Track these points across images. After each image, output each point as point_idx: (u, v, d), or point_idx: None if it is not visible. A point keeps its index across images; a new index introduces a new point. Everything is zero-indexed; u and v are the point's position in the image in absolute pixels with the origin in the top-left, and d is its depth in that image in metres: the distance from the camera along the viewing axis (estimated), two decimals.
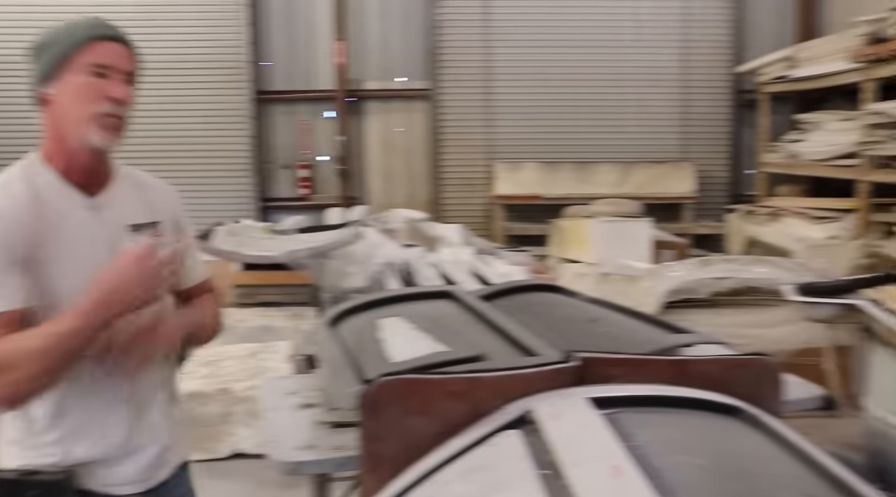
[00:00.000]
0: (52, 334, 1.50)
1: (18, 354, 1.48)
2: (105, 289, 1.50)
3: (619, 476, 1.45)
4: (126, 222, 1.75)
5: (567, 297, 3.29)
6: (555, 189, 9.88)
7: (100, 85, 1.64)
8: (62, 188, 1.67)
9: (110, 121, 1.65)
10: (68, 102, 1.64)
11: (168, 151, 10.53)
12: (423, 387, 1.89)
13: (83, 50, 1.63)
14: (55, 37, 1.66)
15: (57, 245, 1.62)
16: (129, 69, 1.71)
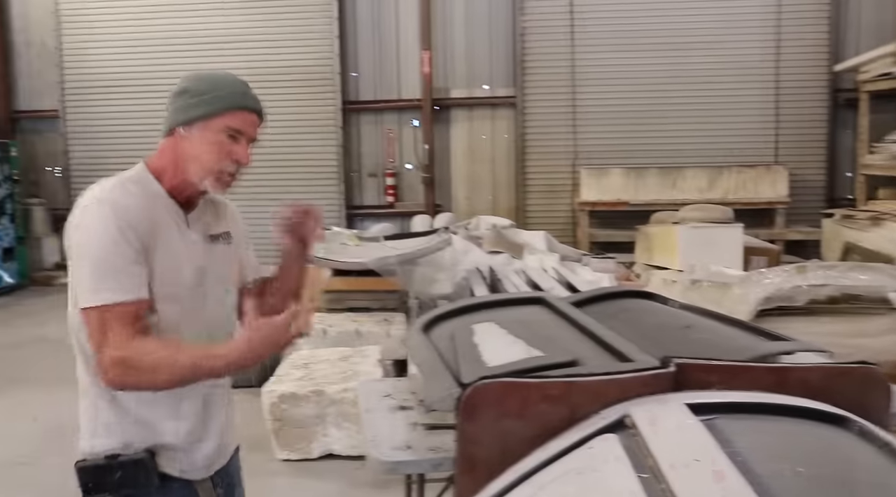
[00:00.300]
0: (201, 360, 1.68)
1: (165, 363, 1.66)
2: (252, 347, 1.67)
3: (721, 480, 1.44)
4: (206, 233, 1.95)
5: (659, 304, 3.26)
6: (641, 195, 9.73)
7: (230, 147, 1.84)
8: (167, 201, 1.86)
9: (228, 178, 1.88)
10: (198, 150, 1.83)
11: (260, 160, 10.89)
12: (521, 390, 1.91)
13: (228, 114, 1.83)
14: (208, 88, 1.84)
15: (157, 247, 1.78)
16: (255, 136, 1.92)
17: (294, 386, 4.46)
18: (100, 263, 1.68)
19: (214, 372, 1.72)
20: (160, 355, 1.66)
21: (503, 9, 10.48)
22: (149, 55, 10.94)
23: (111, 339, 1.65)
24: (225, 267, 1.98)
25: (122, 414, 1.80)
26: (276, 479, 4.24)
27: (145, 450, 1.80)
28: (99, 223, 1.70)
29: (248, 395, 5.64)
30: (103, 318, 1.66)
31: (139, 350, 1.65)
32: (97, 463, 1.79)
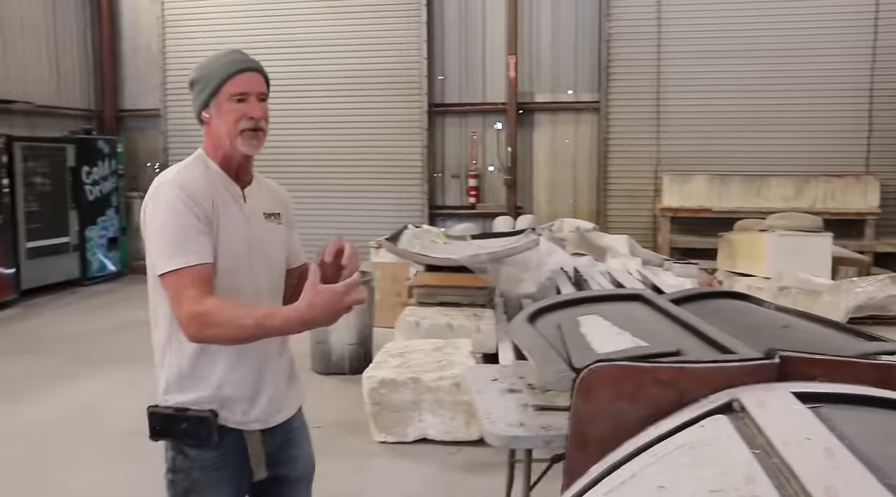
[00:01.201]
0: (265, 318, 1.89)
1: (231, 321, 1.88)
2: (313, 310, 1.87)
3: (832, 457, 1.55)
4: (261, 211, 2.19)
5: (754, 305, 3.37)
6: (724, 202, 9.67)
7: (242, 108, 2.07)
8: (225, 178, 2.13)
9: (252, 133, 2.08)
10: (221, 123, 2.09)
11: (348, 159, 11.33)
12: (634, 374, 2.08)
13: (227, 84, 2.07)
14: (205, 72, 2.11)
15: (222, 217, 2.05)
16: (262, 91, 2.12)
17: (393, 372, 4.70)
18: (172, 234, 1.95)
19: (276, 330, 1.93)
20: (231, 312, 1.89)
21: (590, 14, 10.57)
22: None
23: (186, 297, 1.90)
24: (274, 244, 2.21)
25: (191, 373, 2.05)
26: (374, 459, 4.49)
27: (210, 409, 2.04)
28: (169, 200, 1.98)
29: (344, 382, 5.98)
30: (179, 281, 1.92)
31: (213, 307, 1.89)
32: (166, 412, 2.06)
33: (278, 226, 2.23)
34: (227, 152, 2.11)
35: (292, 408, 2.26)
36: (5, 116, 10.40)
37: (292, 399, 2.27)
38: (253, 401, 2.11)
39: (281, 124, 11.37)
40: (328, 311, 1.87)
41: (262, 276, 2.15)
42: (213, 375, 2.06)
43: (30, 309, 8.98)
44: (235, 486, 2.13)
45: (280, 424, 2.20)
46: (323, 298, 1.86)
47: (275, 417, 2.17)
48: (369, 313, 6.35)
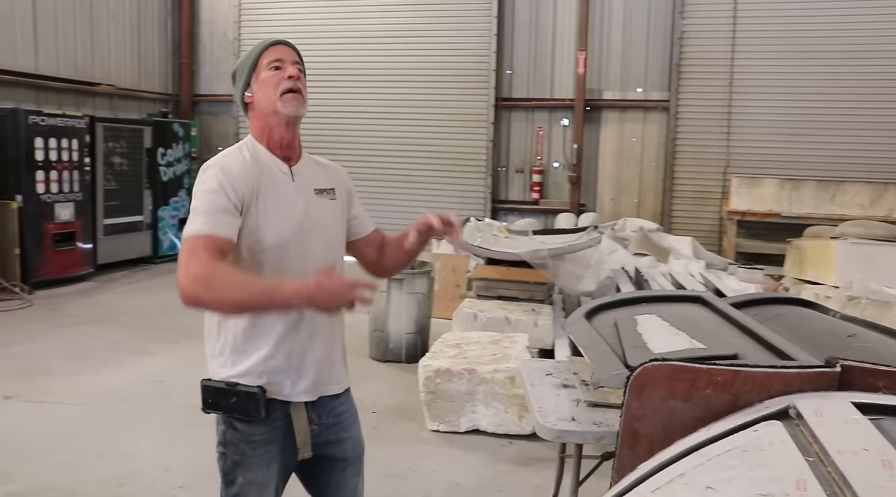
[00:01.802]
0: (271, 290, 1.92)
1: (239, 287, 1.91)
2: (320, 291, 1.90)
3: (891, 469, 1.52)
4: (312, 187, 2.26)
5: (819, 313, 3.29)
6: (795, 207, 9.40)
7: (279, 73, 2.20)
8: (272, 158, 2.21)
9: (291, 95, 2.19)
10: (263, 93, 2.20)
11: (414, 151, 11.44)
12: (689, 374, 2.08)
13: (264, 55, 2.22)
14: (244, 61, 2.26)
15: (268, 196, 2.13)
16: (295, 59, 2.26)
17: (448, 362, 4.75)
18: (200, 207, 2.04)
19: (282, 300, 1.92)
20: (238, 279, 1.94)
21: (662, 11, 10.39)
22: (316, 48, 11.64)
23: (196, 258, 1.94)
24: (327, 218, 2.27)
25: (243, 346, 2.12)
26: (425, 447, 4.55)
27: (259, 386, 2.10)
28: (208, 180, 2.07)
29: (401, 370, 6.07)
30: (194, 244, 1.97)
31: (220, 271, 1.93)
32: (218, 386, 2.13)
33: (331, 201, 2.30)
34: (272, 127, 2.20)
35: (341, 386, 2.32)
36: (89, 98, 10.86)
37: (341, 377, 2.33)
38: (300, 372, 2.17)
39: (349, 114, 11.57)
40: (333, 296, 1.90)
41: (318, 251, 2.20)
42: (263, 347, 2.12)
43: (104, 283, 9.38)
44: (282, 461, 2.20)
45: (328, 406, 2.26)
46: (333, 284, 1.90)
47: (322, 390, 2.23)
48: (427, 303, 6.42)
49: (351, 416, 2.37)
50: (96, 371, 5.81)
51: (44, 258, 8.78)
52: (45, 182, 8.77)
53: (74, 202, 9.18)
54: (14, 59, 9.52)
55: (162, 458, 4.25)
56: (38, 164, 8.66)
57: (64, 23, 10.30)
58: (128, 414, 4.90)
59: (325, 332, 2.25)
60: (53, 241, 8.88)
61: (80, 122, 9.27)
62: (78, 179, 9.23)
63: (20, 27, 9.60)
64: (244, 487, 2.16)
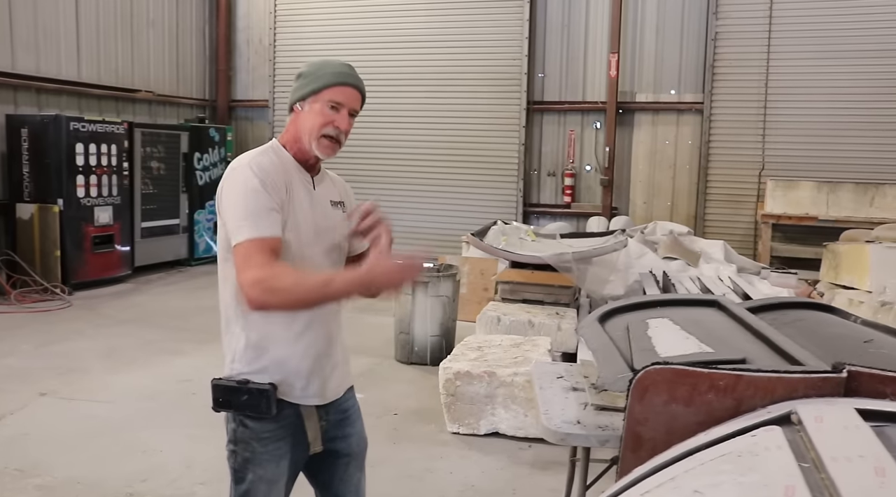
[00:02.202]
0: (328, 282, 2.01)
1: (296, 285, 1.99)
2: (373, 275, 1.99)
3: (882, 475, 1.50)
4: (328, 198, 2.32)
5: (839, 318, 3.23)
6: (832, 211, 9.20)
7: (332, 116, 2.20)
8: (297, 166, 2.25)
9: (330, 142, 2.22)
10: (309, 119, 2.21)
11: (446, 154, 11.47)
12: (691, 378, 2.07)
13: (330, 89, 2.21)
14: (315, 71, 2.25)
15: (292, 202, 2.17)
16: (355, 108, 2.26)
17: (469, 365, 4.77)
18: (245, 209, 2.06)
19: (340, 291, 2.02)
20: (295, 276, 2.01)
21: (696, 13, 10.27)
22: (349, 53, 11.74)
23: (252, 264, 1.99)
24: (339, 230, 2.33)
25: (256, 346, 2.17)
26: (444, 449, 4.57)
27: (270, 383, 2.15)
28: (245, 180, 2.10)
29: (425, 372, 6.10)
30: (248, 250, 2.02)
31: (277, 271, 1.99)
32: (230, 385, 2.18)
33: (341, 213, 2.35)
34: (304, 149, 2.23)
35: (346, 386, 2.39)
36: (129, 104, 11.13)
37: (346, 378, 2.40)
38: (312, 377, 2.22)
39: (383, 118, 11.65)
40: (389, 274, 1.99)
41: (327, 259, 2.27)
42: (276, 350, 2.17)
43: (141, 285, 9.59)
44: (292, 458, 2.25)
45: (335, 403, 2.32)
46: (385, 264, 2.00)
47: (331, 393, 2.30)
48: (452, 307, 6.44)
49: (355, 412, 2.44)
50: (128, 370, 5.96)
51: (83, 260, 9.02)
52: (86, 186, 9.02)
53: (113, 206, 9.42)
54: (59, 69, 9.81)
55: (185, 455, 4.34)
56: (78, 168, 8.91)
57: (105, 32, 10.58)
58: (155, 412, 5.02)
59: (334, 336, 2.32)
60: (93, 243, 9.12)
61: (119, 128, 9.51)
62: (116, 184, 9.47)
63: (64, 38, 9.89)
64: (254, 484, 2.21)
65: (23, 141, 8.81)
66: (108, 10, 10.60)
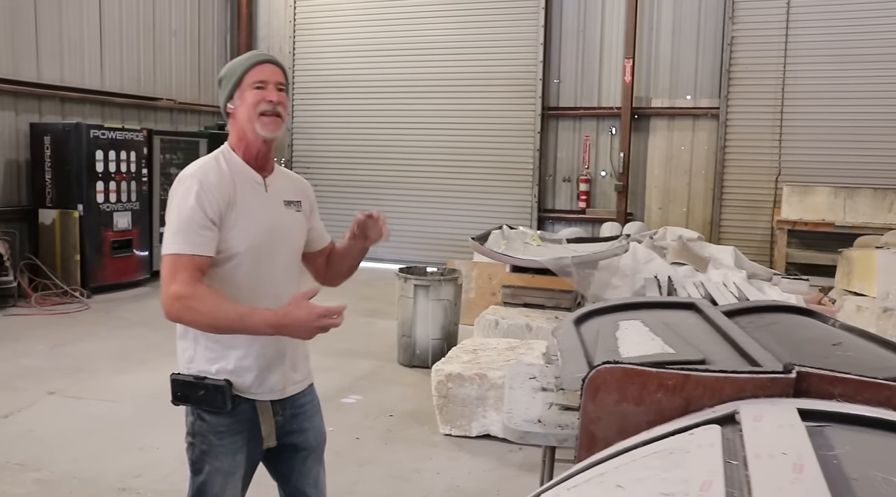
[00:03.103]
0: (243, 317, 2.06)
1: (213, 311, 2.05)
2: (288, 320, 2.05)
3: (799, 472, 1.51)
4: (282, 198, 2.37)
5: (816, 321, 3.22)
6: (850, 217, 9.06)
7: (260, 94, 2.26)
8: (246, 168, 2.30)
9: (269, 118, 2.26)
10: (243, 110, 2.27)
11: (461, 159, 11.53)
12: (640, 378, 2.08)
13: (247, 74, 2.28)
14: (229, 67, 2.33)
15: (243, 205, 2.23)
16: (280, 80, 2.31)
17: (461, 367, 4.80)
18: (179, 223, 2.13)
19: (251, 328, 2.09)
20: (213, 302, 2.07)
21: (712, 17, 10.21)
22: (367, 60, 11.90)
23: (177, 279, 2.07)
24: (294, 229, 2.40)
25: (214, 346, 2.23)
26: (436, 450, 4.60)
27: (226, 379, 2.21)
28: (185, 193, 2.17)
29: (426, 375, 6.13)
30: (175, 264, 2.10)
31: (198, 293, 2.06)
32: (187, 379, 2.25)
33: (297, 213, 2.42)
34: (250, 140, 2.28)
35: (303, 384, 2.45)
36: (151, 112, 11.37)
37: (303, 376, 2.46)
38: (267, 374, 2.29)
39: (399, 124, 11.76)
40: (301, 325, 2.06)
41: (280, 258, 2.33)
42: (234, 349, 2.24)
43: (158, 288, 9.62)
44: (248, 451, 2.31)
45: (291, 398, 2.38)
46: (300, 313, 2.06)
47: (286, 390, 2.36)
48: (455, 310, 6.48)
49: (313, 407, 2.50)
50: (135, 370, 6.09)
51: (102, 264, 9.22)
52: (105, 192, 9.23)
53: (132, 211, 9.63)
54: (82, 78, 10.07)
55: (180, 452, 4.36)
56: (98, 175, 9.12)
57: (128, 42, 10.83)
58: (155, 410, 5.12)
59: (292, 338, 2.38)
60: (111, 248, 9.32)
61: (139, 135, 9.72)
62: (135, 189, 9.67)
63: (88, 48, 10.15)
64: (211, 475, 2.28)
65: (45, 148, 9.06)
66: (132, 21, 10.85)
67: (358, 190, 11.95)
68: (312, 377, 2.52)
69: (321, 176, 12.12)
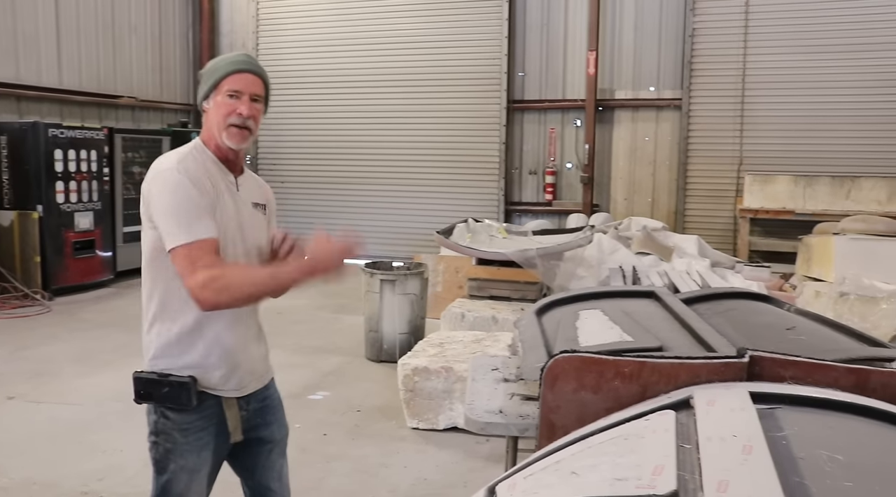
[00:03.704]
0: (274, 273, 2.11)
1: (245, 279, 2.08)
2: (315, 260, 2.09)
3: (748, 453, 1.54)
4: (251, 200, 2.37)
5: (772, 307, 3.27)
6: (809, 204, 9.23)
7: (234, 104, 2.22)
8: (219, 165, 2.29)
9: (237, 130, 2.23)
10: (214, 114, 2.25)
11: (427, 153, 11.52)
12: (598, 366, 2.10)
13: (225, 79, 2.23)
14: (212, 67, 2.30)
15: (220, 200, 2.21)
16: (256, 92, 2.26)
17: (427, 361, 4.81)
18: (183, 213, 2.10)
19: (287, 279, 2.11)
20: (242, 272, 2.09)
21: (673, 9, 10.31)
22: (331, 56, 11.82)
23: (201, 265, 2.04)
24: (259, 231, 2.40)
25: (178, 342, 2.22)
26: (403, 444, 4.61)
27: (190, 375, 2.20)
28: (177, 182, 2.14)
29: (393, 369, 6.12)
30: (191, 253, 2.07)
31: (225, 270, 2.06)
32: (150, 377, 2.23)
33: (263, 215, 2.42)
34: (218, 143, 2.27)
35: (266, 378, 2.45)
36: (112, 110, 11.19)
37: (265, 371, 2.46)
38: (232, 371, 2.28)
39: (364, 119, 11.71)
40: (328, 258, 2.11)
41: (245, 258, 2.32)
42: (198, 346, 2.23)
43: (123, 289, 9.64)
44: (214, 448, 2.30)
45: (255, 393, 2.38)
46: (324, 248, 2.12)
47: (250, 386, 2.35)
48: (421, 304, 6.48)
49: (276, 400, 2.51)
50: (98, 373, 6.00)
51: (64, 266, 9.07)
52: (65, 192, 9.07)
53: (94, 211, 9.47)
54: (39, 76, 9.87)
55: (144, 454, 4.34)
56: (57, 175, 8.96)
57: (87, 38, 10.63)
58: (120, 413, 5.05)
59: (253, 331, 2.39)
60: (73, 248, 9.17)
61: (99, 134, 9.56)
62: (97, 189, 9.52)
63: (44, 43, 9.95)
64: (176, 474, 2.26)
65: (2, 148, 8.88)
66: (89, 15, 10.65)
67: (324, 186, 11.88)
68: (273, 372, 2.52)
69: (288, 172, 12.04)
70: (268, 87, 2.34)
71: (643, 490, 1.42)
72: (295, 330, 7.32)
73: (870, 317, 4.63)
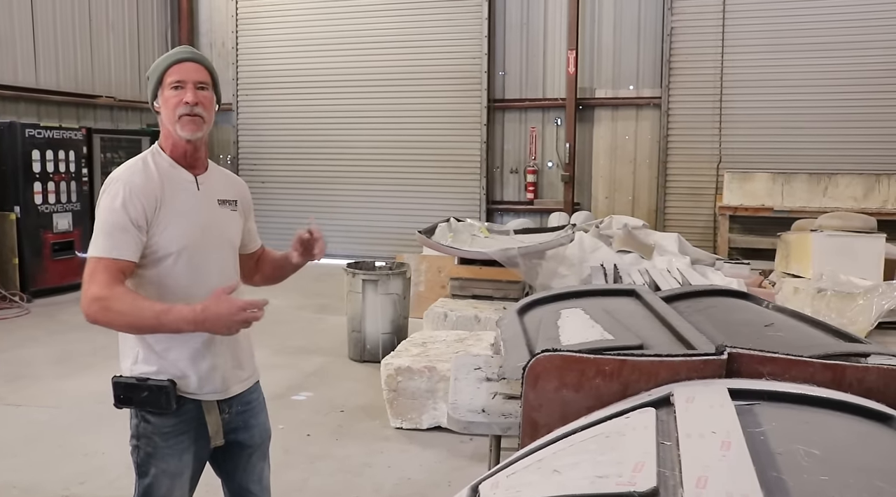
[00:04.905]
0: (161, 315, 2.05)
1: (130, 311, 2.05)
2: (207, 315, 2.04)
3: (727, 449, 1.57)
4: (216, 197, 2.36)
5: (751, 304, 3.32)
6: (787, 201, 9.34)
7: (179, 94, 2.23)
8: (176, 167, 2.29)
9: (188, 118, 2.23)
10: (165, 111, 2.26)
11: (408, 153, 11.52)
12: (579, 364, 2.12)
13: (167, 73, 2.25)
14: (152, 69, 2.31)
15: (172, 207, 2.22)
16: (199, 79, 2.27)
17: (410, 360, 4.82)
18: (103, 226, 2.14)
19: (171, 326, 2.07)
20: (130, 302, 2.06)
21: (652, 8, 10.39)
22: (311, 55, 11.79)
23: (96, 281, 2.07)
24: (228, 228, 2.39)
25: (156, 346, 2.22)
26: (387, 444, 4.62)
27: (169, 379, 2.21)
28: (112, 196, 2.17)
29: (376, 369, 6.12)
30: (95, 266, 2.10)
31: (116, 294, 2.06)
32: (129, 382, 2.24)
33: (233, 212, 2.41)
34: (175, 140, 2.27)
35: (249, 382, 2.44)
36: (90, 110, 11.08)
37: (249, 374, 2.45)
38: (212, 373, 2.28)
39: (344, 118, 11.68)
40: (221, 319, 2.05)
41: (216, 257, 2.32)
42: (175, 350, 2.23)
43: None
44: (195, 451, 2.30)
45: (238, 396, 2.38)
46: (220, 307, 2.04)
47: (231, 390, 2.35)
48: (403, 304, 6.49)
49: (259, 404, 2.50)
50: (78, 375, 5.96)
51: (43, 267, 8.98)
52: (43, 193, 8.98)
53: (72, 212, 9.39)
54: (15, 75, 9.76)
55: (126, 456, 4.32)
56: (35, 175, 8.87)
57: (63, 37, 10.53)
58: (100, 416, 5.01)
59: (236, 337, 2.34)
60: (52, 250, 9.08)
61: (77, 134, 9.48)
62: (76, 190, 9.44)
63: (20, 43, 9.83)
64: (157, 478, 2.26)
65: None
66: (66, 15, 10.54)
67: (305, 185, 11.85)
68: (258, 375, 2.52)
69: (268, 172, 11.99)
70: (213, 75, 2.35)
71: (624, 487, 1.44)
72: (277, 330, 7.30)
73: (847, 312, 4.70)
